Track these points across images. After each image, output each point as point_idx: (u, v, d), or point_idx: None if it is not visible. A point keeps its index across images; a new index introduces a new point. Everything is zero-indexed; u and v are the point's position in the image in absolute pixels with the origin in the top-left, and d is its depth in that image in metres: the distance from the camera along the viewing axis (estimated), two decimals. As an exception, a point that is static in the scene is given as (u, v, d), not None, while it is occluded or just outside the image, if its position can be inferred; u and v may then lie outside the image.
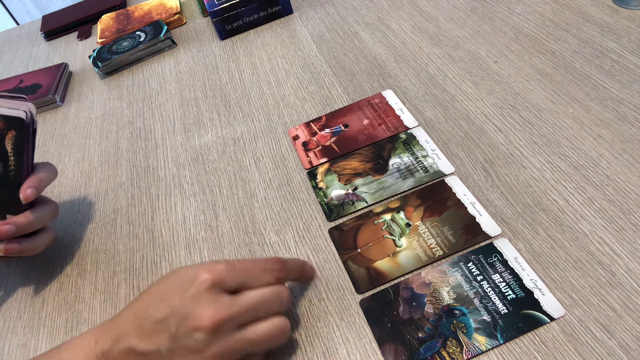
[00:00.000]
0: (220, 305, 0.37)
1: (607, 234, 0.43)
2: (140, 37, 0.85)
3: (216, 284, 0.38)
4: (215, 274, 0.38)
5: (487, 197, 0.49)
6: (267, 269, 0.40)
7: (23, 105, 0.50)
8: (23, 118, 0.50)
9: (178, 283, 0.39)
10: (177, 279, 0.39)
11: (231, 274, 0.39)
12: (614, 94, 0.54)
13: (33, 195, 0.50)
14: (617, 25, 0.61)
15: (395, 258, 0.46)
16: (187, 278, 0.39)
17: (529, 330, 0.39)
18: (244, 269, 0.40)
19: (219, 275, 0.38)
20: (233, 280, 0.39)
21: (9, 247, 0.50)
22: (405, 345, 0.40)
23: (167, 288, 0.39)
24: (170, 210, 0.58)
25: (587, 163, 0.49)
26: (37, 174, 0.52)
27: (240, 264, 0.40)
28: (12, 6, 2.13)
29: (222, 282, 0.38)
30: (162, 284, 0.40)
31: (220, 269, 0.39)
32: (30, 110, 0.51)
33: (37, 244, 0.53)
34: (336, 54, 0.72)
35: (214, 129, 0.67)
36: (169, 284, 0.39)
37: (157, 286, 0.40)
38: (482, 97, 0.58)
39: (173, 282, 0.39)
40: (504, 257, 0.44)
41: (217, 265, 0.39)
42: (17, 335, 0.51)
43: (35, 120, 0.51)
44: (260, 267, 0.40)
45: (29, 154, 0.51)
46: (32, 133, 0.51)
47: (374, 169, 0.55)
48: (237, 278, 0.39)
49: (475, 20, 0.70)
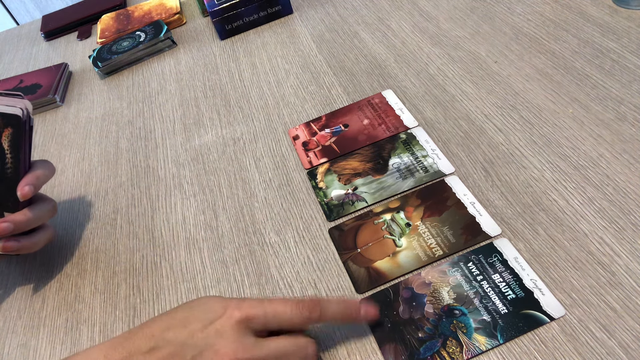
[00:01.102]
0: (242, 346, 0.36)
1: (607, 234, 0.43)
2: (140, 37, 0.85)
3: (243, 322, 0.37)
4: (244, 312, 0.37)
5: (487, 197, 0.49)
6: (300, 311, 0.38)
7: (19, 102, 0.50)
8: (19, 115, 0.50)
9: (204, 313, 0.38)
10: (204, 309, 0.38)
11: (260, 314, 0.38)
12: (614, 94, 0.54)
13: (30, 193, 0.50)
14: (617, 25, 0.61)
15: (395, 258, 0.46)
16: (215, 310, 0.38)
17: (529, 330, 0.39)
18: (275, 311, 0.38)
19: (248, 314, 0.37)
20: (261, 321, 0.37)
21: (6, 245, 0.50)
22: (405, 345, 0.40)
23: (191, 315, 0.38)
24: (170, 210, 0.58)
25: (587, 163, 0.49)
26: (34, 172, 0.51)
27: (272, 306, 0.38)
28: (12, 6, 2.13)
29: (250, 322, 0.37)
30: (187, 310, 0.39)
31: (251, 308, 0.38)
32: (27, 107, 0.51)
33: (35, 242, 0.52)
34: (336, 54, 0.72)
35: (214, 129, 0.67)
36: (195, 312, 0.38)
37: (180, 311, 0.39)
38: (482, 97, 0.58)
39: (199, 311, 0.38)
40: (504, 257, 0.44)
41: (248, 303, 0.38)
42: (17, 335, 0.51)
43: (31, 117, 0.51)
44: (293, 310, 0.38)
45: (26, 151, 0.51)
46: (29, 130, 0.51)
47: (374, 169, 0.55)
48: (266, 320, 0.38)
49: (475, 20, 0.70)
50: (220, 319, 0.37)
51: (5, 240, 0.50)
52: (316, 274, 0.47)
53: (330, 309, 0.39)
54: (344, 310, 0.40)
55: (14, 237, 0.51)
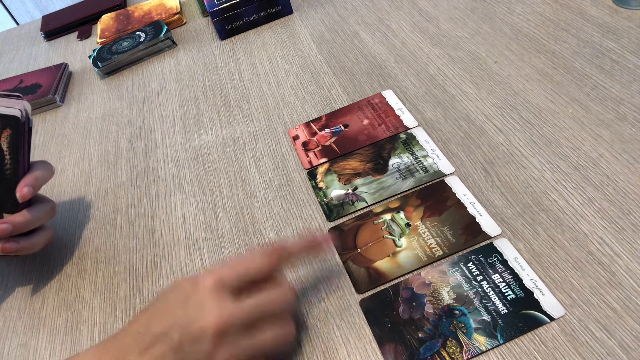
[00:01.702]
0: (224, 310, 0.36)
1: (607, 234, 0.43)
2: (140, 37, 0.85)
3: (218, 287, 0.37)
4: (214, 277, 0.38)
5: (487, 197, 0.49)
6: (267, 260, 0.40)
7: (18, 103, 0.50)
8: (18, 116, 0.50)
9: (179, 295, 0.38)
10: (177, 291, 0.39)
11: (231, 274, 0.38)
12: (614, 94, 0.54)
13: (29, 194, 0.50)
14: (617, 25, 0.61)
15: (395, 258, 0.46)
16: (187, 288, 0.38)
17: (529, 330, 0.39)
18: (244, 267, 0.39)
19: (218, 278, 0.38)
20: (234, 280, 0.38)
21: (6, 246, 0.50)
22: (405, 345, 0.40)
23: (167, 302, 0.38)
24: (170, 210, 0.58)
25: (587, 163, 0.49)
26: (33, 173, 0.51)
27: (240, 264, 0.39)
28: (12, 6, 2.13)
29: (223, 285, 0.37)
30: (163, 299, 0.39)
31: (220, 272, 0.38)
32: (26, 108, 0.50)
33: (34, 243, 0.52)
34: (336, 54, 0.72)
35: (214, 129, 0.67)
36: (170, 297, 0.39)
37: (157, 302, 0.39)
38: (482, 97, 0.58)
39: (173, 295, 0.39)
40: (504, 257, 0.44)
41: (216, 268, 0.39)
42: (17, 335, 0.51)
43: (30, 118, 0.51)
44: (260, 260, 0.39)
45: (25, 152, 0.51)
46: (28, 131, 0.51)
47: (374, 169, 0.55)
48: (238, 277, 0.38)
49: (475, 21, 0.70)
50: (195, 293, 0.37)
51: (4, 242, 0.50)
52: (316, 274, 0.47)
53: (293, 249, 0.41)
54: (304, 245, 0.42)
55: (13, 238, 0.51)
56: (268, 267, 0.39)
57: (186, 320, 0.36)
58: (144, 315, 0.39)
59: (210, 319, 0.36)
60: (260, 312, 0.38)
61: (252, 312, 0.37)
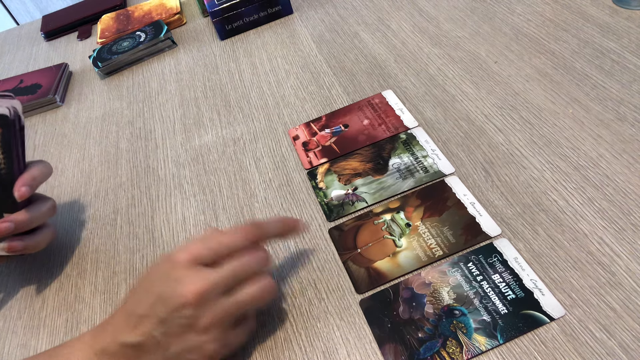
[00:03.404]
0: (200, 278, 0.38)
1: (607, 234, 0.43)
2: (140, 37, 0.85)
3: (192, 261, 0.39)
4: (189, 252, 0.39)
5: (487, 197, 0.49)
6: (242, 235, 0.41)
7: (6, 102, 0.50)
8: (7, 115, 0.49)
9: (158, 273, 0.40)
10: (156, 270, 0.40)
11: (206, 248, 0.40)
12: (614, 94, 0.54)
13: (27, 193, 0.50)
14: (617, 25, 0.61)
15: (395, 258, 0.46)
16: (164, 265, 0.40)
17: (529, 330, 0.39)
18: (219, 242, 0.40)
19: (193, 252, 0.39)
20: (209, 253, 0.39)
21: (12, 245, 0.50)
22: (405, 345, 0.40)
23: (149, 280, 0.40)
24: (170, 211, 0.58)
25: (587, 163, 0.49)
26: (30, 171, 0.51)
27: (215, 239, 0.40)
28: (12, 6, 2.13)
29: (198, 259, 0.39)
30: (144, 278, 0.41)
31: (194, 247, 0.40)
32: (14, 106, 0.50)
33: (38, 241, 0.53)
34: (336, 54, 0.72)
35: (214, 129, 0.67)
36: (150, 276, 0.40)
37: (140, 282, 0.41)
38: (482, 97, 0.58)
39: (153, 274, 0.40)
40: (504, 257, 0.44)
41: (191, 243, 0.40)
42: (17, 336, 0.51)
43: (21, 117, 0.51)
44: (235, 235, 0.41)
45: (19, 151, 0.51)
46: (20, 130, 0.51)
47: (374, 169, 0.55)
48: (213, 252, 0.40)
49: (475, 21, 0.70)
50: (172, 269, 0.39)
51: (9, 240, 0.50)
52: (316, 274, 0.47)
53: (269, 228, 0.43)
54: (280, 226, 0.44)
55: (18, 237, 0.51)
56: (241, 241, 0.41)
57: (166, 294, 0.38)
58: (131, 297, 0.41)
59: (188, 288, 0.37)
60: (235, 274, 0.39)
61: (228, 275, 0.39)
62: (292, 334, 0.44)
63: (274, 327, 0.45)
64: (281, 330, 0.44)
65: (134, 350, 0.38)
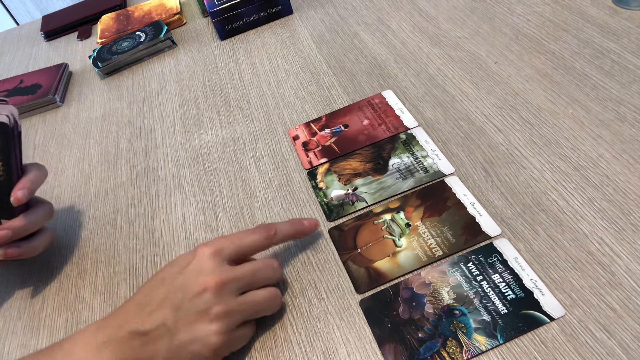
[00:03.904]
0: (221, 272, 0.40)
1: (607, 234, 0.43)
2: (140, 38, 0.85)
3: (216, 254, 0.41)
4: (213, 246, 0.42)
5: (487, 197, 0.49)
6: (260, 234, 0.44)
7: (5, 109, 0.49)
8: (6, 123, 0.49)
9: (178, 266, 0.42)
10: (176, 263, 0.42)
11: (228, 244, 0.42)
12: (614, 95, 0.54)
13: (25, 197, 0.50)
14: (617, 25, 0.61)
15: (395, 258, 0.46)
16: (186, 258, 0.42)
17: (529, 330, 0.39)
18: (240, 239, 0.43)
19: (217, 247, 0.42)
20: (230, 248, 0.42)
21: (8, 251, 0.50)
22: (405, 345, 0.40)
23: (166, 273, 0.42)
24: (170, 210, 0.58)
25: (587, 163, 0.49)
26: (27, 176, 0.51)
27: (236, 236, 0.44)
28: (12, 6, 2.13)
29: (221, 253, 0.42)
30: (160, 272, 0.42)
31: (218, 242, 0.42)
32: (12, 113, 0.50)
33: (35, 246, 0.52)
34: (336, 54, 0.72)
35: (214, 129, 0.67)
36: (168, 269, 0.42)
37: (155, 276, 0.42)
38: (482, 98, 0.58)
39: (172, 267, 0.42)
40: (504, 257, 0.44)
41: (215, 239, 0.43)
42: (17, 336, 0.51)
43: (18, 123, 0.50)
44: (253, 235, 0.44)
45: (17, 157, 0.50)
46: (18, 136, 0.50)
47: (374, 169, 0.55)
48: (234, 248, 0.43)
49: (475, 21, 0.70)
50: (194, 260, 0.41)
51: (5, 247, 0.50)
52: (316, 274, 0.47)
53: (284, 228, 0.46)
54: (293, 227, 0.47)
55: (14, 243, 0.51)
56: (259, 242, 0.44)
57: (188, 282, 0.40)
58: (142, 290, 0.42)
59: (211, 277, 0.40)
60: (252, 277, 0.42)
61: (245, 276, 0.41)
62: (292, 334, 0.44)
63: (274, 327, 0.45)
64: (281, 330, 0.44)
65: (140, 338, 0.39)
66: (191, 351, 0.39)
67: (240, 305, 0.40)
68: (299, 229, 0.47)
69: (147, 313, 0.39)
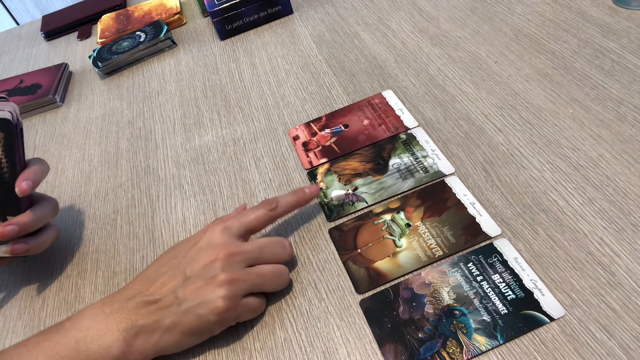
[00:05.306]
0: (232, 243, 0.43)
1: (607, 234, 0.43)
2: (140, 37, 0.85)
3: (226, 230, 0.44)
4: (223, 223, 0.44)
5: (487, 198, 0.49)
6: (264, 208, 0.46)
7: (7, 106, 0.49)
8: (9, 119, 0.49)
9: (188, 243, 0.44)
10: (186, 241, 0.45)
11: (237, 220, 0.45)
12: (614, 94, 0.54)
13: (29, 188, 0.49)
14: (617, 25, 0.61)
15: (395, 258, 0.46)
16: (197, 235, 0.44)
17: (529, 330, 0.39)
18: (246, 216, 0.46)
19: (227, 223, 0.44)
20: (240, 226, 0.45)
21: (15, 247, 0.50)
22: (405, 345, 0.40)
23: (175, 251, 0.44)
24: (171, 211, 0.58)
25: (587, 163, 0.49)
26: (30, 168, 0.51)
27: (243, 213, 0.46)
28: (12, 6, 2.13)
29: (231, 229, 0.44)
30: (171, 250, 0.45)
31: (228, 219, 0.45)
32: (15, 110, 0.50)
33: (42, 242, 0.53)
34: (336, 54, 0.72)
35: (214, 129, 0.67)
36: (179, 247, 0.44)
37: (166, 253, 0.45)
38: (482, 97, 0.58)
39: (183, 245, 0.44)
40: (504, 258, 0.44)
41: (224, 217, 0.46)
42: (17, 336, 0.51)
43: (20, 119, 0.51)
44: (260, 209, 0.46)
45: (20, 154, 0.51)
46: (20, 132, 0.51)
47: (374, 169, 0.55)
48: (243, 224, 0.45)
49: (475, 21, 0.70)
50: (204, 236, 0.44)
51: (13, 243, 0.50)
52: (316, 274, 0.47)
53: (285, 199, 0.48)
54: (295, 196, 0.49)
55: (21, 239, 0.51)
56: (263, 216, 0.46)
57: (198, 255, 0.42)
58: (150, 267, 0.44)
59: (220, 248, 0.42)
60: (260, 251, 0.44)
61: (254, 250, 0.43)
62: (292, 334, 0.44)
63: (274, 327, 0.45)
64: (281, 330, 0.44)
65: (148, 307, 0.41)
66: (197, 314, 0.40)
67: (247, 275, 0.42)
68: (301, 197, 0.49)
69: (158, 285, 0.42)
